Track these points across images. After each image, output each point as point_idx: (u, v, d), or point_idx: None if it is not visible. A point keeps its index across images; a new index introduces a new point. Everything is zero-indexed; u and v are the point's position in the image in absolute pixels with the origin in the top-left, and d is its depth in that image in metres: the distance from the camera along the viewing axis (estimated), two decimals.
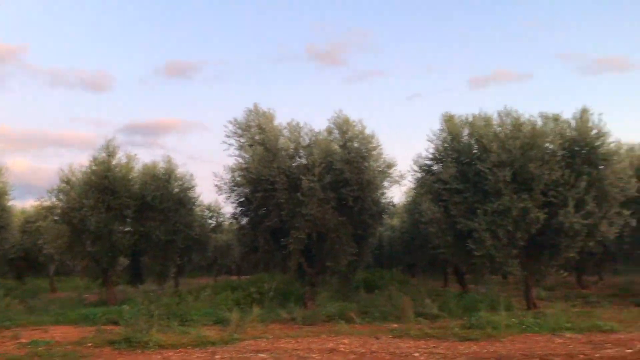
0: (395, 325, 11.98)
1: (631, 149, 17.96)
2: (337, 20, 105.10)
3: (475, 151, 14.64)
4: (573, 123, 14.58)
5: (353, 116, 15.75)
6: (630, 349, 8.80)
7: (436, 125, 15.30)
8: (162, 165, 19.78)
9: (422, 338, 10.38)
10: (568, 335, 10.30)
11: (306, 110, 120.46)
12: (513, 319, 11.57)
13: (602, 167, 14.18)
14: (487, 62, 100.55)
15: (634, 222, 14.64)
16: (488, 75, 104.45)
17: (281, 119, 15.95)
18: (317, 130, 15.77)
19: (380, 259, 31.14)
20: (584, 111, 14.49)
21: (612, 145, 14.52)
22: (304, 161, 15.41)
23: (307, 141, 15.68)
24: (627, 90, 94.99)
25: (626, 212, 14.20)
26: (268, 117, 15.47)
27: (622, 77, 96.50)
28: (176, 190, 19.81)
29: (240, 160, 15.35)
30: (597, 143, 14.28)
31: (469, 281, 22.16)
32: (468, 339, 10.02)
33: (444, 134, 15.17)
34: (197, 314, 13.60)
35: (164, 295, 17.34)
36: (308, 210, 14.34)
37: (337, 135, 15.62)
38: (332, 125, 15.68)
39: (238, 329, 11.57)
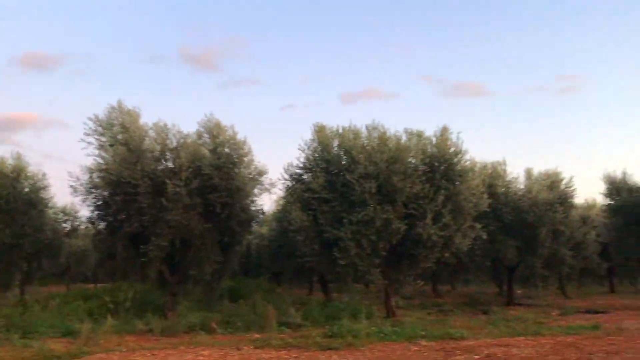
0: (258, 335, 11.81)
1: (484, 167, 19.39)
2: (214, 25, 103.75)
3: (344, 162, 14.96)
4: (434, 140, 15.44)
5: (225, 122, 15.33)
6: (478, 355, 9.36)
7: (308, 135, 15.49)
8: (10, 162, 18.08)
9: (284, 348, 10.28)
10: (423, 343, 10.76)
11: (176, 113, 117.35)
12: (373, 327, 11.94)
13: (458, 182, 15.16)
14: (357, 79, 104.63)
15: (485, 235, 15.93)
16: (358, 92, 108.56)
17: (148, 119, 15.14)
18: (185, 132, 15.10)
19: (248, 267, 30.90)
20: (444, 130, 15.42)
21: (467, 163, 15.62)
22: (170, 164, 14.68)
23: (174, 143, 14.92)
24: (481, 113, 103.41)
25: (478, 226, 15.40)
26: (133, 115, 14.52)
27: (477, 101, 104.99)
28: (26, 190, 18.31)
29: (100, 160, 14.25)
30: (455, 160, 15.27)
31: (333, 289, 22.59)
32: (329, 348, 10.10)
33: (315, 144, 15.37)
34: (43, 325, 12.61)
35: (5, 305, 15.80)
36: (172, 216, 13.68)
37: (207, 140, 15.13)
38: (202, 129, 15.16)
39: (89, 341, 10.79)
